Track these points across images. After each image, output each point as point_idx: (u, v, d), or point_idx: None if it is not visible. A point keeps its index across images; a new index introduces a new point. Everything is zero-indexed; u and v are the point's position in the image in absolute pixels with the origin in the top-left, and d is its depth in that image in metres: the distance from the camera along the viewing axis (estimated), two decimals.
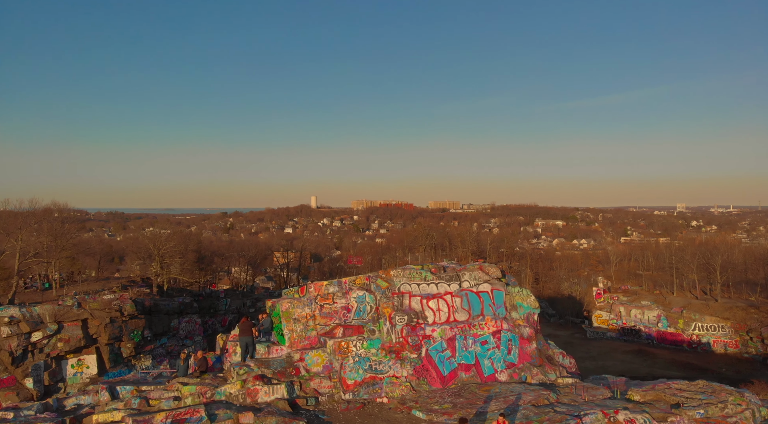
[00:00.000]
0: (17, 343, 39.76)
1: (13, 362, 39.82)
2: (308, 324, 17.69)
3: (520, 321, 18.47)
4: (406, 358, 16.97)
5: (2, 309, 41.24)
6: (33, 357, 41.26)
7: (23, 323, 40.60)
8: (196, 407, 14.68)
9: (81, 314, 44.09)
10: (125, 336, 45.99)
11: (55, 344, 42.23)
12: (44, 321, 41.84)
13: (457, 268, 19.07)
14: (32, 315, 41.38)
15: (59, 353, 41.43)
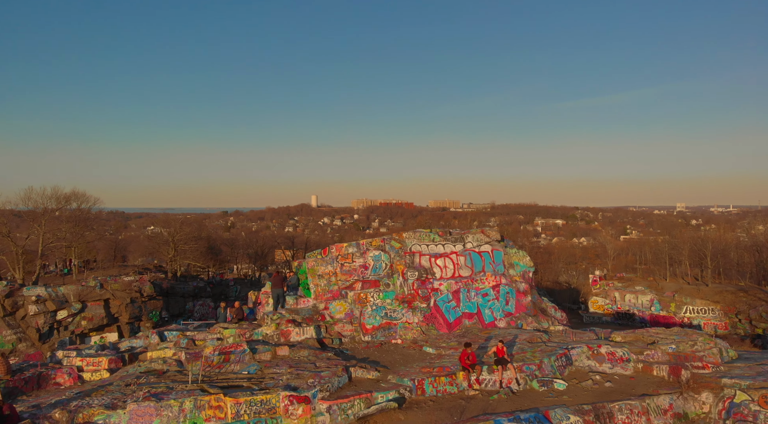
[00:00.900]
0: (44, 320, 42.18)
1: (40, 339, 42.22)
2: (331, 280, 20.14)
3: (516, 277, 20.99)
4: (417, 307, 19.44)
5: (29, 289, 43.69)
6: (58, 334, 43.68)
7: (49, 302, 43.05)
8: (239, 343, 17.12)
9: (103, 294, 46.61)
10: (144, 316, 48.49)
11: (79, 322, 44.74)
12: (69, 301, 44.31)
13: (462, 232, 21.60)
14: (57, 295, 43.85)
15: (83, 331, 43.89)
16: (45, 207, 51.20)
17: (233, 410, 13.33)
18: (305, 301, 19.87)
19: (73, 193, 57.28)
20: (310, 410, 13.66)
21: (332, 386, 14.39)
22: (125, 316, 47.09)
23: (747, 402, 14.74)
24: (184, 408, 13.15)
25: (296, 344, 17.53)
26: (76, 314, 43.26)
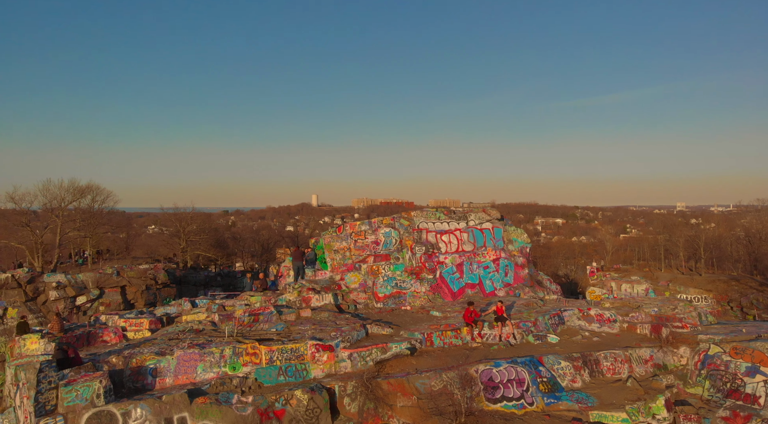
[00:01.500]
0: (64, 305, 44.07)
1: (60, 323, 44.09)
2: (345, 254, 22.01)
3: (515, 252, 22.85)
4: (424, 278, 21.31)
5: (49, 275, 45.60)
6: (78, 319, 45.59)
7: (69, 288, 44.92)
8: (266, 306, 19.01)
9: (120, 282, 48.50)
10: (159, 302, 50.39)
11: (97, 307, 46.67)
12: (87, 287, 46.19)
13: (465, 211, 23.49)
14: (76, 281, 45.73)
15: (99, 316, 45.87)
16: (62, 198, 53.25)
17: (267, 357, 15.22)
18: (323, 273, 21.75)
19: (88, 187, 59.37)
20: (333, 356, 15.56)
21: (352, 338, 16.29)
22: (141, 302, 49.01)
23: (720, 354, 16.64)
24: (224, 354, 15.05)
25: (316, 308, 19.42)
26: (94, 300, 45.14)
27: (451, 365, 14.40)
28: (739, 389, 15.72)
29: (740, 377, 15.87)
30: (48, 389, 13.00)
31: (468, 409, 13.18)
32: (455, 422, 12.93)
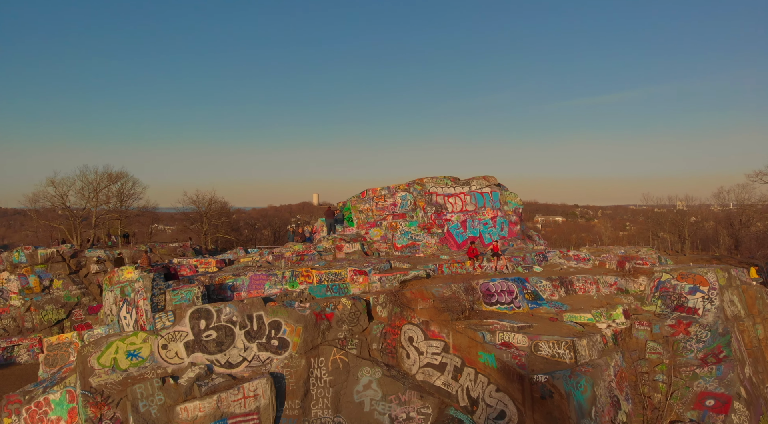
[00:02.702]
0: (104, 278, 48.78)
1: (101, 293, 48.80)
2: (369, 214, 26.45)
3: (509, 211, 27.24)
4: (434, 232, 25.72)
5: (90, 251, 50.28)
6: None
7: (108, 262, 49.54)
8: (309, 249, 23.52)
9: (153, 258, 53.05)
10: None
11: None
12: (124, 262, 50.82)
13: (468, 179, 27.92)
14: (114, 257, 50.43)
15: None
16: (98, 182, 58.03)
17: (317, 278, 19.73)
18: (350, 229, 26.17)
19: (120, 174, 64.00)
20: (367, 279, 20.06)
21: (380, 268, 20.76)
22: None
23: (669, 279, 21.09)
24: (285, 275, 19.55)
25: (348, 253, 23.90)
26: None
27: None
28: (683, 305, 20.16)
29: (684, 295, 20.31)
30: (159, 294, 17.52)
31: (470, 308, 17.66)
32: (461, 316, 17.41)
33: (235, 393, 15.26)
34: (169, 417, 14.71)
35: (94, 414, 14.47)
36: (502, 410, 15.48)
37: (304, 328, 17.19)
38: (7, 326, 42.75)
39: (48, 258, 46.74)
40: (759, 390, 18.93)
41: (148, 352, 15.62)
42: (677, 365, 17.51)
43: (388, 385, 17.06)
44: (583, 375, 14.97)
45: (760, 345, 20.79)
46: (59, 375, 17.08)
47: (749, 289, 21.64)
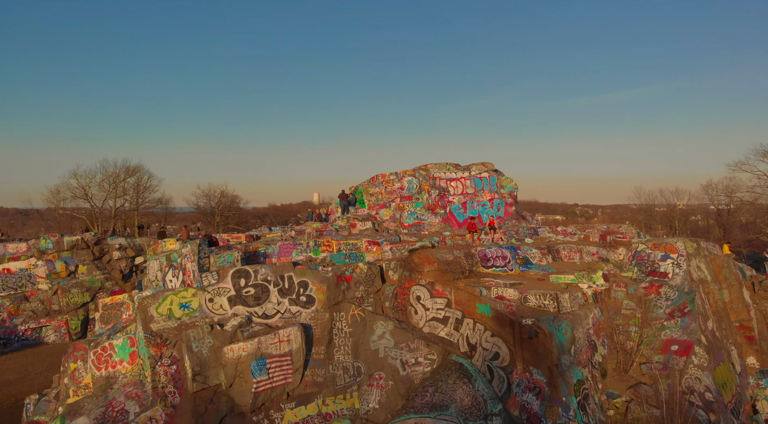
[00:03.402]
0: (125, 264, 51.66)
1: (123, 279, 51.75)
2: (379, 197, 29.31)
3: (505, 194, 30.07)
4: (438, 212, 28.57)
5: (112, 238, 53.24)
6: (136, 275, 53.14)
7: (129, 249, 52.42)
8: (326, 226, 26.40)
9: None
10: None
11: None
12: (144, 249, 53.81)
13: (468, 165, 30.77)
14: (134, 244, 53.32)
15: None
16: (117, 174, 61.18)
17: (337, 248, 22.61)
18: (362, 210, 29.01)
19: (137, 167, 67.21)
20: (380, 249, 22.94)
21: (391, 240, 23.66)
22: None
23: (645, 249, 23.96)
24: (309, 244, 22.45)
25: (361, 230, 26.80)
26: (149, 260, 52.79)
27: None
28: (655, 270, 23.04)
29: (657, 262, 23.18)
30: (204, 257, 20.42)
31: (470, 270, 20.54)
32: (462, 276, 20.28)
33: (272, 338, 18.13)
34: (217, 356, 17.59)
35: (155, 353, 17.35)
36: (497, 351, 18.38)
37: (327, 287, 20.05)
38: (35, 308, 46.00)
39: (73, 245, 49.81)
40: (721, 343, 21.83)
41: (197, 304, 18.52)
42: (648, 318, 20.38)
43: (399, 335, 19.92)
44: (564, 320, 17.86)
45: (725, 307, 23.69)
46: (120, 325, 20.00)
47: (717, 258, 24.51)
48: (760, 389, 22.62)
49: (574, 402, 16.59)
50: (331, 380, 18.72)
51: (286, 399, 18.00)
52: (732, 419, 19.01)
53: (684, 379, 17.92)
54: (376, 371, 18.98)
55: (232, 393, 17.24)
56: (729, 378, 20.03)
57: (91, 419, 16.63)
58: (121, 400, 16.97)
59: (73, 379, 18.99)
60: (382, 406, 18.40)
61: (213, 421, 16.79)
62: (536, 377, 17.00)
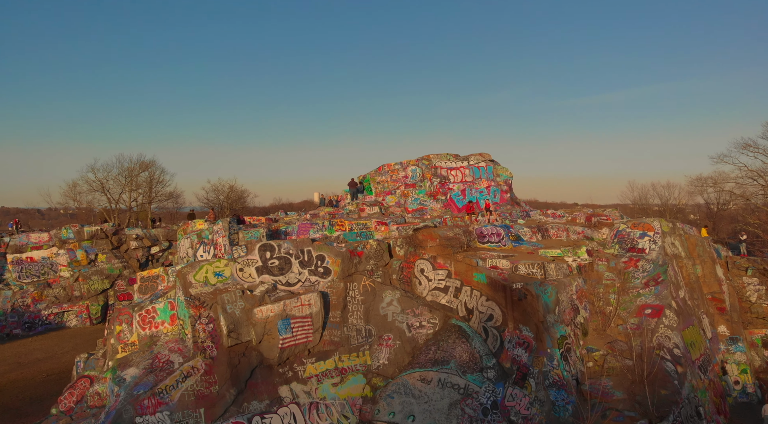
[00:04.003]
0: (142, 253, 54.30)
1: (140, 267, 54.46)
2: (385, 185, 31.95)
3: (501, 182, 32.69)
4: (439, 199, 31.21)
5: (130, 229, 55.93)
6: (152, 264, 55.92)
7: (145, 239, 55.05)
8: (338, 211, 29.07)
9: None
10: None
11: (167, 256, 56.99)
12: (159, 240, 56.49)
13: (467, 155, 33.43)
14: (150, 235, 56.02)
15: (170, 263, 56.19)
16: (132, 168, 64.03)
17: (349, 227, 25.28)
18: (369, 197, 31.66)
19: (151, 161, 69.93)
20: (387, 228, 25.58)
21: (397, 221, 26.33)
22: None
23: (625, 228, 26.60)
24: (324, 224, 25.13)
25: (369, 214, 29.49)
26: (165, 250, 55.38)
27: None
28: (634, 246, 25.67)
29: (636, 239, 25.82)
30: (234, 233, 23.09)
31: (468, 245, 23.18)
32: (461, 250, 22.94)
33: (295, 302, 20.77)
34: (248, 317, 20.24)
35: (195, 313, 19.99)
36: (491, 313, 21.04)
37: (341, 261, 22.68)
38: (58, 294, 48.92)
39: (93, 235, 52.51)
40: (692, 310, 24.47)
41: (229, 273, 21.19)
42: (626, 288, 23.03)
43: (405, 303, 22.55)
44: (549, 285, 20.51)
45: (698, 280, 26.33)
46: (161, 292, 22.68)
47: (691, 237, 27.16)
48: (729, 354, 25.28)
49: (558, 353, 19.25)
50: (346, 340, 21.32)
51: (308, 355, 20.64)
52: (699, 373, 21.67)
53: (655, 337, 20.57)
54: (385, 333, 21.57)
55: (261, 348, 19.89)
56: (698, 339, 22.69)
57: (140, 369, 19.30)
58: (166, 353, 19.64)
59: (119, 339, 21.66)
60: (391, 362, 21.02)
61: (245, 371, 19.45)
62: (525, 334, 19.65)
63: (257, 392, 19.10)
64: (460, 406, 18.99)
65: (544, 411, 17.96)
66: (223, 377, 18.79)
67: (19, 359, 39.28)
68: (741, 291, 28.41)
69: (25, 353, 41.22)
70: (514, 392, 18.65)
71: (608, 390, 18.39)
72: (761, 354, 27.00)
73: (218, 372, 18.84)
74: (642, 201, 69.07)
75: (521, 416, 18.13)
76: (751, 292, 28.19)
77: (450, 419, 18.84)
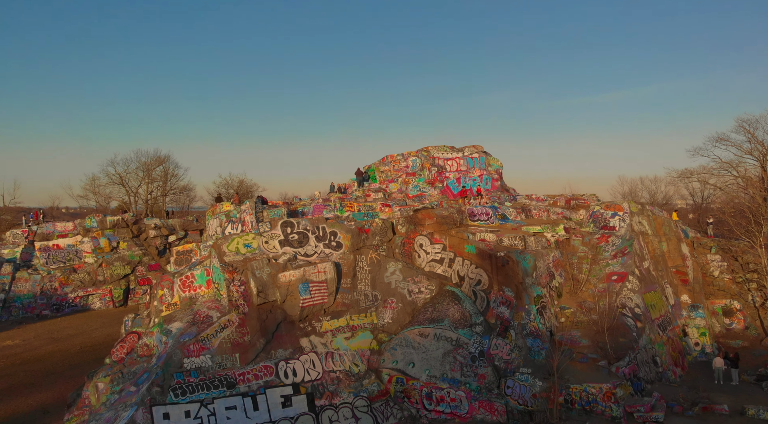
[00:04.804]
0: (160, 241, 57.99)
1: (159, 254, 58.24)
2: (388, 173, 35.65)
3: (492, 171, 36.32)
4: (437, 186, 34.84)
5: (149, 219, 59.70)
6: (169, 251, 59.59)
7: (163, 228, 58.78)
8: (346, 196, 32.83)
9: (199, 225, 62.32)
10: None
11: (183, 244, 60.75)
12: (176, 229, 60.25)
13: (462, 147, 37.13)
14: (168, 225, 59.81)
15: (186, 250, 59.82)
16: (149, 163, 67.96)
17: (357, 208, 28.99)
18: (374, 185, 35.40)
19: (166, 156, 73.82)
20: (391, 210, 29.25)
21: (399, 203, 30.08)
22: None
23: (599, 210, 30.24)
24: (336, 206, 28.85)
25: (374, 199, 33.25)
26: (181, 238, 59.16)
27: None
28: (606, 225, 29.32)
29: (608, 218, 29.46)
30: (259, 211, 26.83)
31: (460, 222, 26.91)
32: (454, 227, 26.65)
33: (313, 269, 24.44)
34: (274, 281, 23.91)
35: (229, 277, 23.69)
36: (479, 279, 24.73)
37: (351, 236, 26.33)
38: (83, 279, 52.90)
39: (115, 224, 56.39)
40: (656, 280, 28.16)
41: (256, 244, 24.88)
42: (597, 259, 26.69)
43: (406, 272, 26.20)
44: (529, 253, 24.18)
45: (663, 255, 29.98)
46: (197, 261, 26.42)
47: (658, 218, 30.82)
48: (690, 319, 28.95)
49: (534, 309, 22.95)
50: (356, 303, 24.97)
51: (323, 314, 24.32)
52: (658, 330, 25.36)
53: (618, 298, 24.26)
54: (389, 297, 25.20)
55: (285, 307, 23.60)
56: (658, 303, 26.39)
57: (184, 322, 23.02)
58: (204, 310, 23.36)
59: (161, 301, 25.40)
60: (394, 321, 24.68)
61: (272, 325, 23.16)
62: (507, 294, 23.35)
63: (282, 342, 22.78)
64: (452, 355, 22.64)
65: (522, 355, 21.65)
66: (254, 329, 22.46)
67: (52, 335, 43.30)
68: (705, 267, 32.07)
69: (57, 330, 45.28)
70: (498, 342, 22.33)
71: (576, 339, 22.08)
72: (721, 321, 30.68)
73: (250, 325, 22.50)
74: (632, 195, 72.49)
75: (503, 360, 21.82)
76: (714, 267, 31.84)
77: (444, 365, 22.51)
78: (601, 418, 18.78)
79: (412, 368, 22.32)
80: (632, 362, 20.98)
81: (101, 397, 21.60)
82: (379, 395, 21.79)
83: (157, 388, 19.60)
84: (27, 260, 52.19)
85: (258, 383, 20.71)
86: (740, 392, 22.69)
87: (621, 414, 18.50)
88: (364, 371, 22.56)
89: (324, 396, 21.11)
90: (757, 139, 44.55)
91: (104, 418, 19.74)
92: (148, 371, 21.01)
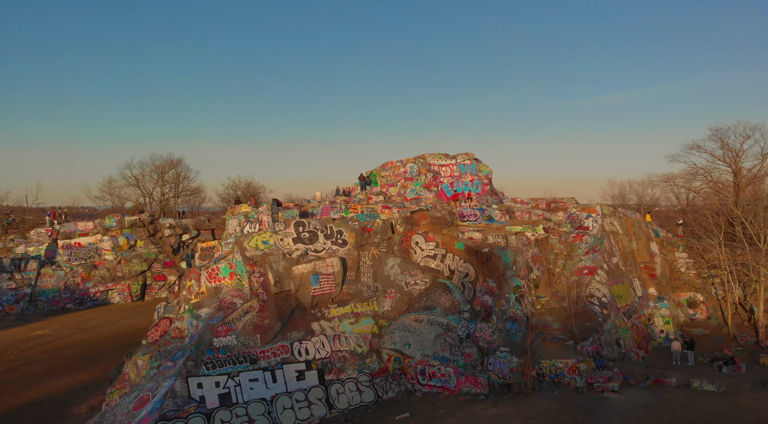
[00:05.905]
0: (174, 240, 61.55)
1: (173, 252, 61.82)
2: (388, 178, 39.27)
3: (483, 176, 39.89)
4: (432, 190, 38.43)
5: (164, 219, 63.24)
6: (183, 250, 63.10)
7: (177, 228, 62.30)
8: (351, 199, 36.47)
9: (211, 225, 65.91)
10: None
11: (196, 242, 64.26)
12: (189, 228, 63.81)
13: (455, 155, 40.76)
14: (181, 224, 63.34)
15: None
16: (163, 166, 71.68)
17: (360, 210, 32.63)
18: (375, 189, 39.04)
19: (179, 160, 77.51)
20: (390, 211, 32.88)
21: (398, 206, 33.71)
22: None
23: (575, 212, 33.86)
24: (341, 207, 32.47)
25: (376, 202, 36.89)
26: (194, 237, 62.66)
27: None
28: (581, 225, 32.93)
29: (583, 219, 33.07)
30: (275, 212, 30.47)
31: (452, 222, 30.55)
32: (446, 226, 30.29)
33: (322, 263, 28.05)
34: (288, 272, 27.51)
35: (249, 269, 27.30)
36: (467, 272, 28.35)
37: (355, 235, 29.95)
38: (102, 275, 56.61)
39: (132, 223, 59.99)
40: (624, 274, 31.76)
41: (273, 241, 28.52)
42: (572, 255, 30.30)
43: (404, 266, 29.78)
44: (509, 250, 27.80)
45: (633, 252, 33.58)
46: (221, 256, 30.06)
47: (629, 219, 34.41)
48: (656, 309, 32.50)
49: (513, 298, 26.55)
50: (359, 293, 28.53)
51: (331, 302, 27.86)
52: (623, 317, 28.93)
53: (587, 288, 27.83)
54: (388, 288, 28.73)
55: (298, 295, 27.16)
56: (625, 294, 29.98)
57: (211, 308, 26.62)
58: (229, 298, 26.95)
59: (189, 291, 29.02)
60: (393, 309, 28.21)
61: (287, 311, 26.75)
62: (490, 284, 26.96)
63: (296, 326, 26.34)
64: (443, 337, 26.18)
65: (501, 337, 25.25)
66: (272, 314, 26.02)
67: (78, 326, 47.02)
68: (673, 263, 35.66)
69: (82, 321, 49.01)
70: (482, 326, 25.91)
71: (549, 323, 25.68)
72: (685, 312, 34.27)
73: (268, 310, 26.05)
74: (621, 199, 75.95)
75: (486, 341, 25.42)
76: (681, 264, 35.41)
77: (435, 346, 26.05)
78: (567, 388, 22.26)
79: (408, 348, 25.79)
80: (596, 342, 24.53)
81: (141, 372, 25.10)
82: (380, 372, 25.29)
83: (192, 362, 23.12)
84: (51, 257, 55.80)
85: (276, 360, 24.18)
86: (693, 371, 26.09)
87: (583, 385, 22.01)
88: (366, 351, 26.06)
89: (332, 372, 24.60)
90: (728, 146, 48.07)
91: (146, 388, 23.24)
92: (182, 349, 24.55)
